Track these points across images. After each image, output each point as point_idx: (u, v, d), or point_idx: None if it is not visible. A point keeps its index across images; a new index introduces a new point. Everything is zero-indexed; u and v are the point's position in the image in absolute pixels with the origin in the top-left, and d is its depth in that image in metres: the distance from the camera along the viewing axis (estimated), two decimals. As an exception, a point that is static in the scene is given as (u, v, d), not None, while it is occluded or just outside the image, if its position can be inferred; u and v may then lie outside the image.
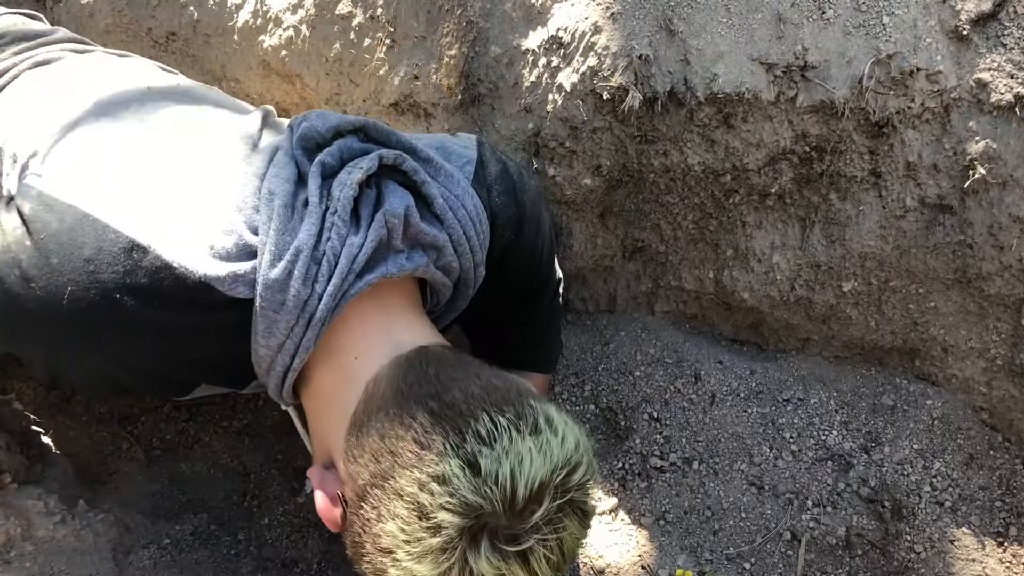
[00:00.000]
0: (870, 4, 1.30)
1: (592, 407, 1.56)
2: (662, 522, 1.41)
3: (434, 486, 0.83)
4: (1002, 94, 1.28)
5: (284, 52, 1.67)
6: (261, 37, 1.70)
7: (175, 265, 0.94)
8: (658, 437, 1.50)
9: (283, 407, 1.15)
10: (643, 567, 1.35)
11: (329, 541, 1.37)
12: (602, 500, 1.43)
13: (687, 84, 1.34)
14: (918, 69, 1.29)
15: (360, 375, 0.97)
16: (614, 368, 1.59)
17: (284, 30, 1.66)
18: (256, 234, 0.97)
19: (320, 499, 0.96)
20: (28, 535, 1.22)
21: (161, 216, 0.98)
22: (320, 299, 0.97)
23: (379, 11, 1.55)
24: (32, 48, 1.38)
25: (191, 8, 1.78)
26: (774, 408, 1.53)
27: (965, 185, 1.33)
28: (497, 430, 0.85)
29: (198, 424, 1.56)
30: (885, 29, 1.30)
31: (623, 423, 1.53)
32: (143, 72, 1.36)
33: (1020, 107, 1.27)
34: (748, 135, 1.37)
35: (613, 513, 1.42)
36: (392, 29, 1.54)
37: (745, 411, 1.52)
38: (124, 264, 0.94)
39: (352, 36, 1.58)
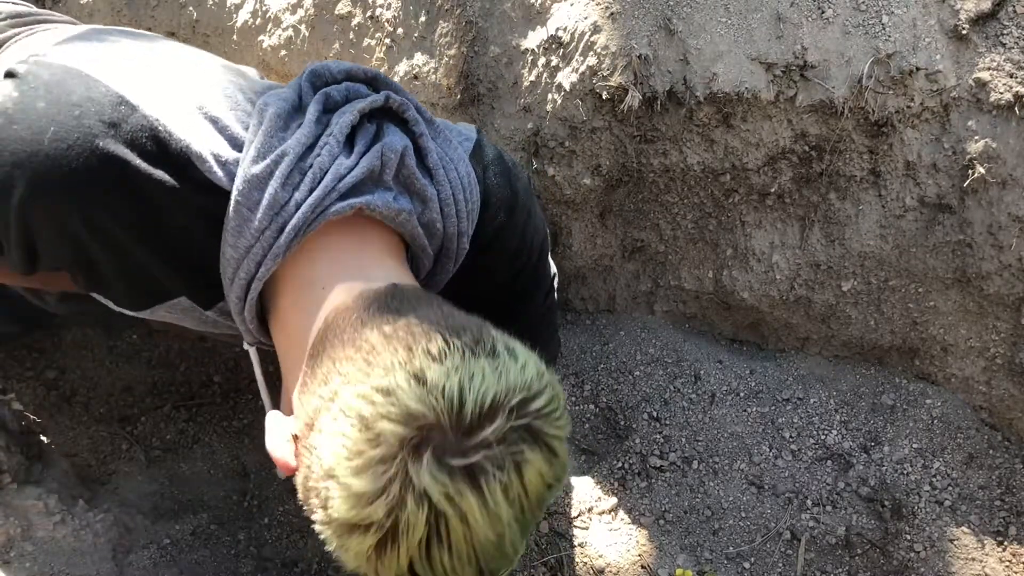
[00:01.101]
0: (869, 4, 1.30)
1: (592, 407, 1.56)
2: (662, 521, 1.41)
3: (377, 397, 0.79)
4: (1001, 93, 1.28)
5: (283, 52, 1.67)
6: (260, 37, 1.70)
7: (160, 128, 0.94)
8: (658, 437, 1.50)
9: (245, 345, 1.11)
10: (643, 567, 1.35)
11: (329, 541, 1.37)
12: (601, 499, 1.43)
13: (686, 84, 1.34)
14: (917, 68, 1.29)
15: (325, 307, 0.94)
16: (614, 368, 1.59)
17: (283, 30, 1.66)
18: (246, 131, 0.97)
19: (272, 440, 0.92)
20: (28, 535, 1.22)
21: (154, 88, 0.97)
22: (298, 207, 0.95)
23: (379, 11, 1.55)
24: (29, 24, 1.38)
25: (190, 8, 1.78)
26: (774, 407, 1.53)
27: (964, 184, 1.33)
28: (450, 349, 0.81)
29: (198, 424, 1.56)
30: (884, 29, 1.30)
31: (623, 423, 1.53)
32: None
33: (1019, 106, 1.28)
34: (747, 135, 1.37)
35: (613, 513, 1.42)
36: (391, 29, 1.54)
37: (745, 410, 1.52)
38: (110, 115, 0.93)
39: (351, 36, 1.58)
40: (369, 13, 1.56)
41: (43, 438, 1.43)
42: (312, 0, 1.61)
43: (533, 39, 1.43)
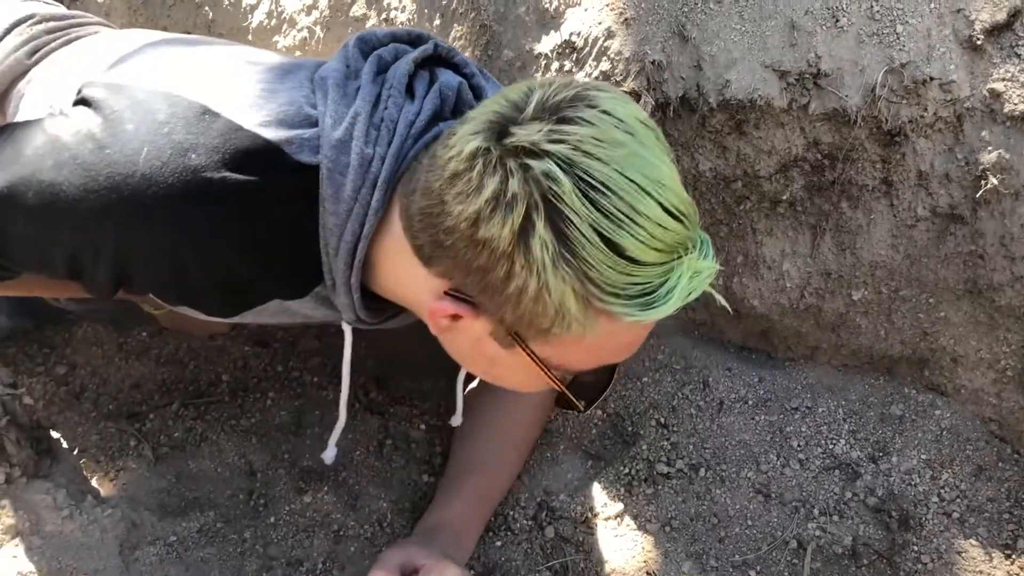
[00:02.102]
0: (884, 13, 1.30)
1: (599, 412, 1.56)
2: (668, 528, 1.41)
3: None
4: (1016, 104, 1.28)
5: (298, 53, 1.68)
6: (275, 38, 1.71)
7: (244, 126, 0.98)
8: (665, 443, 1.50)
9: (345, 322, 1.15)
10: (648, 573, 1.35)
11: (335, 541, 1.38)
12: (607, 505, 1.43)
13: (699, 90, 1.35)
14: (931, 78, 1.29)
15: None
16: (622, 373, 1.59)
17: (298, 31, 1.67)
18: (314, 109, 1.02)
19: (436, 311, 0.98)
20: (36, 529, 1.23)
21: (227, 90, 1.02)
22: (383, 160, 1.00)
23: (393, 13, 1.56)
24: (64, 28, 1.39)
25: (206, 8, 1.79)
26: (782, 416, 1.52)
27: (977, 195, 1.33)
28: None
29: (206, 423, 1.56)
30: (899, 38, 1.30)
31: (630, 429, 1.53)
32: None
33: (1033, 118, 1.27)
34: (760, 142, 1.38)
35: (619, 518, 1.41)
36: (406, 32, 1.55)
37: (753, 419, 1.52)
38: (197, 125, 0.97)
39: (375, 27, 1.59)
40: (384, 15, 1.57)
41: (53, 433, 1.44)
42: (327, 2, 1.62)
43: (547, 43, 1.44)
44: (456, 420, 1.42)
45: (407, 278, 1.02)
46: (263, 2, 1.71)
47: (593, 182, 0.85)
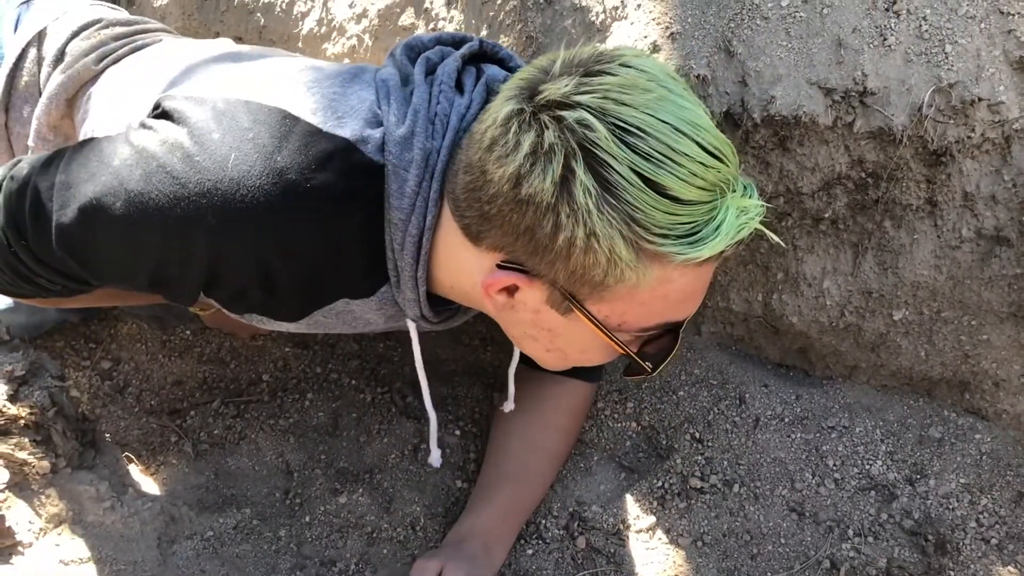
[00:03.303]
0: (932, 32, 1.30)
1: (634, 424, 1.56)
2: (700, 543, 1.40)
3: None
4: (1065, 127, 1.26)
5: (347, 60, 1.71)
6: (325, 45, 1.74)
7: (324, 129, 1.01)
8: (699, 458, 1.49)
9: (408, 322, 1.17)
10: (679, 587, 1.35)
11: (368, 543, 1.39)
12: (640, 518, 1.42)
13: (744, 105, 1.35)
14: (980, 99, 1.28)
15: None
16: (657, 386, 1.59)
17: (348, 39, 1.69)
18: (379, 110, 1.05)
19: (491, 284, 0.99)
20: (79, 519, 1.26)
21: (301, 96, 1.05)
22: (439, 153, 1.03)
23: (441, 23, 1.58)
24: (130, 34, 1.43)
25: (258, 15, 1.82)
26: (818, 435, 1.51)
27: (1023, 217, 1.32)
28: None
29: (245, 421, 1.59)
30: (947, 58, 1.29)
31: (664, 442, 1.53)
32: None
33: (1084, 141, 1.26)
34: (803, 159, 1.37)
35: (651, 531, 1.41)
36: (453, 41, 1.57)
37: (789, 436, 1.51)
38: (280, 129, 1.01)
39: (420, 34, 1.61)
40: (431, 25, 1.58)
41: (97, 426, 1.47)
42: (377, 11, 1.64)
43: (592, 56, 1.44)
44: (509, 405, 1.42)
45: (461, 263, 1.04)
46: (314, 10, 1.74)
47: (627, 126, 0.87)
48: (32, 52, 1.42)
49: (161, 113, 1.08)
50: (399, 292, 1.11)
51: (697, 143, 0.88)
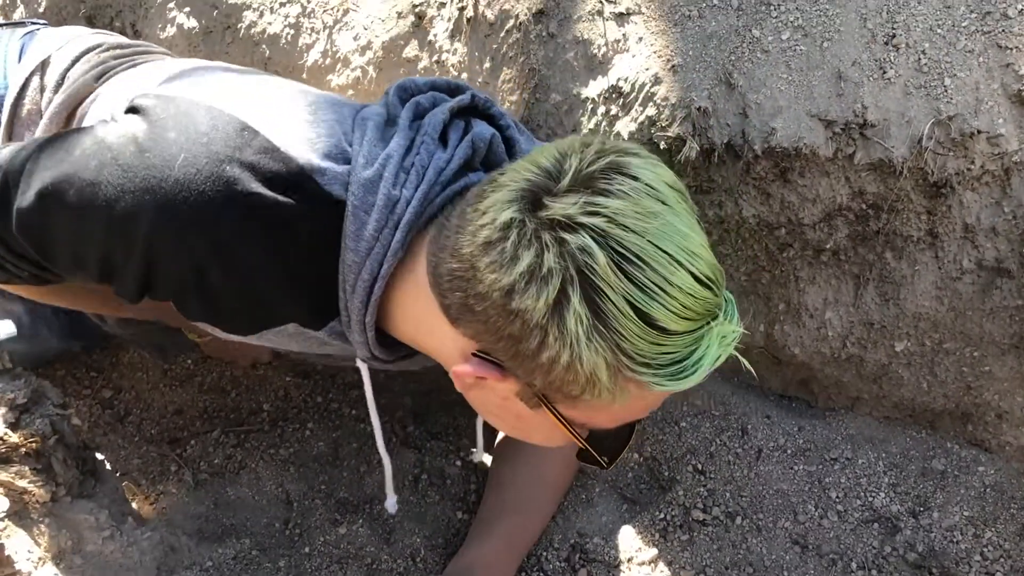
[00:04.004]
0: (932, 65, 1.31)
1: (636, 455, 1.55)
2: (702, 576, 1.39)
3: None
4: (1065, 160, 1.27)
5: (351, 91, 1.72)
6: (329, 76, 1.75)
7: (281, 148, 1.01)
8: (701, 490, 1.49)
9: (358, 360, 1.16)
10: (681, 620, 1.33)
11: (368, 574, 1.38)
12: (642, 550, 1.41)
13: (745, 137, 1.36)
14: (979, 131, 1.29)
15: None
16: (659, 417, 1.59)
17: (352, 70, 1.71)
18: (351, 146, 1.04)
19: (462, 374, 0.98)
20: (78, 548, 1.25)
21: (270, 113, 1.05)
22: (408, 204, 1.02)
23: (444, 56, 1.59)
24: (130, 55, 1.44)
25: (263, 46, 1.84)
26: (821, 467, 1.51)
27: (1024, 249, 1.32)
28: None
29: (245, 451, 1.58)
30: (946, 91, 1.30)
31: (666, 474, 1.52)
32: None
33: (1083, 173, 1.26)
34: (804, 190, 1.38)
35: (653, 564, 1.40)
36: (456, 74, 1.58)
37: (791, 468, 1.51)
38: (235, 140, 1.00)
39: (417, 76, 1.63)
40: (436, 58, 1.60)
41: (97, 455, 1.47)
42: (381, 43, 1.66)
43: (594, 88, 1.46)
44: (478, 456, 1.42)
45: (429, 327, 1.02)
46: (319, 42, 1.76)
47: (628, 254, 0.85)
48: (35, 80, 1.43)
49: (131, 108, 1.09)
50: (349, 332, 1.09)
51: (692, 274, 0.87)
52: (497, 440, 1.52)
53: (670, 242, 0.87)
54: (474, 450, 1.43)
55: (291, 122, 1.05)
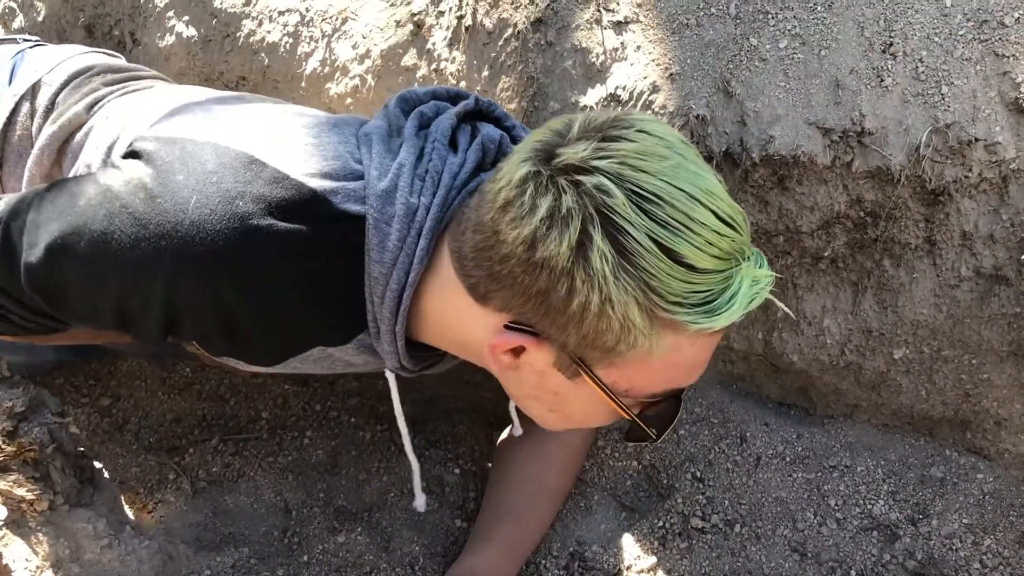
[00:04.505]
0: (929, 74, 1.31)
1: (635, 463, 1.55)
2: (701, 584, 1.39)
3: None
4: (1062, 167, 1.27)
5: (349, 100, 1.72)
6: (328, 85, 1.76)
7: (291, 176, 1.01)
8: (700, 497, 1.48)
9: (387, 373, 1.16)
10: (680, 628, 1.33)
11: (366, 582, 1.38)
12: (640, 558, 1.41)
13: (743, 145, 1.36)
14: (976, 139, 1.29)
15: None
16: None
17: (351, 79, 1.71)
18: (359, 163, 1.05)
19: (498, 346, 0.98)
20: (76, 557, 1.24)
21: (275, 142, 1.05)
22: (428, 210, 1.02)
23: (443, 64, 1.60)
24: (121, 81, 1.44)
25: (262, 55, 1.84)
26: (820, 474, 1.50)
27: (1022, 256, 1.32)
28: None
29: (244, 459, 1.58)
30: (944, 99, 1.31)
31: (665, 481, 1.52)
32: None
33: (1080, 181, 1.27)
34: (802, 198, 1.38)
35: (652, 572, 1.40)
36: (455, 82, 1.59)
37: (790, 476, 1.51)
38: (245, 175, 1.00)
39: (416, 87, 1.63)
40: (434, 66, 1.60)
41: (95, 463, 1.46)
42: (379, 51, 1.66)
43: (592, 96, 1.46)
44: (517, 430, 1.42)
45: (460, 320, 1.03)
46: (317, 50, 1.76)
47: (645, 193, 0.86)
48: (25, 106, 1.42)
49: (131, 153, 1.08)
50: (378, 342, 1.10)
51: (712, 212, 0.88)
52: (498, 443, 1.52)
53: (685, 181, 0.88)
54: (513, 427, 1.43)
55: (296, 148, 1.05)
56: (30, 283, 1.06)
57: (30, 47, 1.53)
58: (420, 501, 1.36)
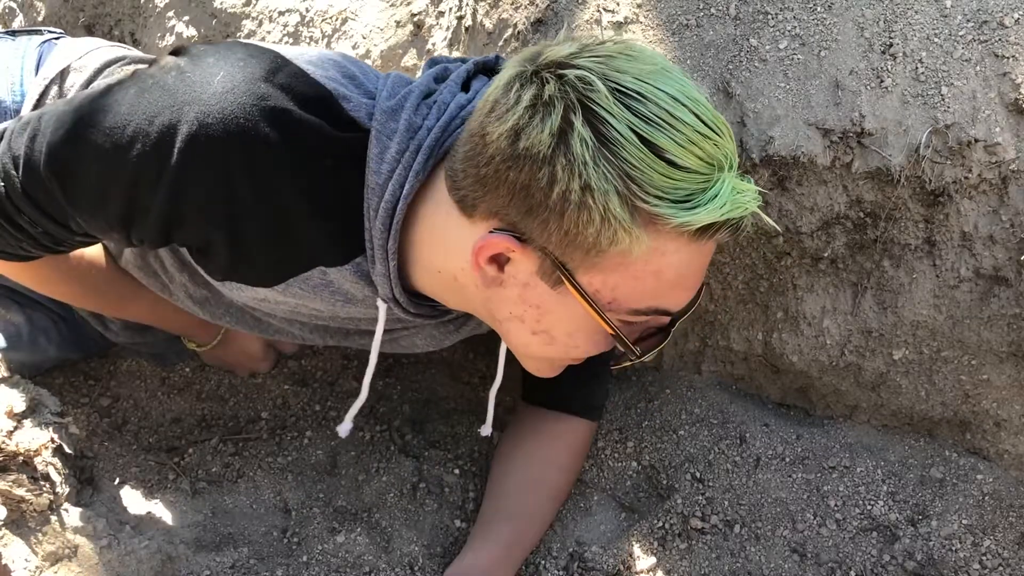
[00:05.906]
0: (929, 75, 1.32)
1: (634, 464, 1.55)
2: (701, 584, 1.39)
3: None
4: (1061, 168, 1.27)
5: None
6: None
7: (310, 75, 1.06)
8: (700, 498, 1.48)
9: (379, 300, 1.18)
10: (680, 629, 1.33)
11: (366, 583, 1.38)
12: (640, 558, 1.41)
13: (743, 146, 1.36)
14: (976, 140, 1.29)
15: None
16: (658, 426, 1.59)
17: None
18: (375, 88, 1.11)
19: (481, 249, 1.00)
20: (76, 556, 1.24)
21: (301, 53, 1.11)
22: (430, 131, 1.06)
23: (443, 64, 1.60)
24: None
25: (262, 55, 1.85)
26: (819, 475, 1.50)
27: (1022, 257, 1.32)
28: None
29: (243, 459, 1.58)
30: (943, 100, 1.31)
31: (665, 482, 1.52)
32: None
33: (1080, 182, 1.27)
34: (802, 198, 1.38)
35: (651, 572, 1.40)
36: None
37: (790, 476, 1.51)
38: (271, 65, 1.05)
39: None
40: (434, 66, 1.60)
41: (95, 463, 1.46)
42: (380, 51, 1.67)
43: (592, 97, 1.46)
44: (486, 430, 1.43)
45: (450, 242, 1.05)
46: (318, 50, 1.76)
47: (627, 90, 0.89)
48: (54, 90, 1.44)
49: (173, 51, 1.13)
50: (373, 268, 1.12)
51: (696, 114, 0.90)
52: (497, 445, 1.52)
53: (669, 85, 0.91)
54: (483, 425, 1.43)
55: (320, 61, 1.11)
56: (50, 163, 1.07)
57: (55, 38, 1.56)
58: (345, 427, 1.39)
